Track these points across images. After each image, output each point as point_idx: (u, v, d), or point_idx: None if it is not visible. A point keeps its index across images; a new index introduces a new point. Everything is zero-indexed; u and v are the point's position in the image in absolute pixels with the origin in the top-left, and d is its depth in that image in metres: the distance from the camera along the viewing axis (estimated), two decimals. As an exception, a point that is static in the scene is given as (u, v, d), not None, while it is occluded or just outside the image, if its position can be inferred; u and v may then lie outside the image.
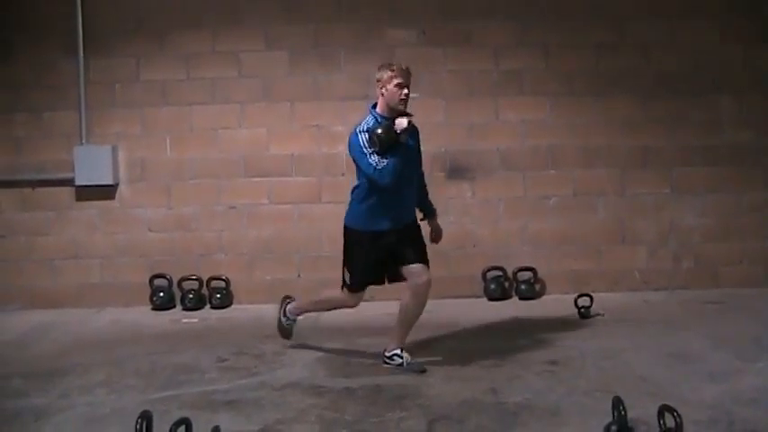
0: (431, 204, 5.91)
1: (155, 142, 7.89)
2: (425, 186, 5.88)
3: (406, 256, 5.46)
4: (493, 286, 7.78)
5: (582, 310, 6.92)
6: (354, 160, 5.41)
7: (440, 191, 7.73)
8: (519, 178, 7.89)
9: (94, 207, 7.92)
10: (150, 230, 7.93)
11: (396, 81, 5.33)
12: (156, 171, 7.91)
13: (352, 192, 5.58)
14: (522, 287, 7.79)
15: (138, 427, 3.86)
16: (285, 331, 6.18)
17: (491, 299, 7.75)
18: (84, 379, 5.47)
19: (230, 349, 6.13)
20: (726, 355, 5.62)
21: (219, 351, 6.08)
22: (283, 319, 6.14)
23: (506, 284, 7.84)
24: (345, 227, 5.60)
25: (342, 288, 5.67)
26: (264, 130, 7.88)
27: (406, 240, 5.50)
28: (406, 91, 5.36)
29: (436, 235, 5.88)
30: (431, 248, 7.43)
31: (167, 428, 3.89)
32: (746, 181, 7.90)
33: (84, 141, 7.80)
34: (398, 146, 5.24)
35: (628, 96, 7.86)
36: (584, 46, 7.85)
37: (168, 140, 7.89)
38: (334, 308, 5.99)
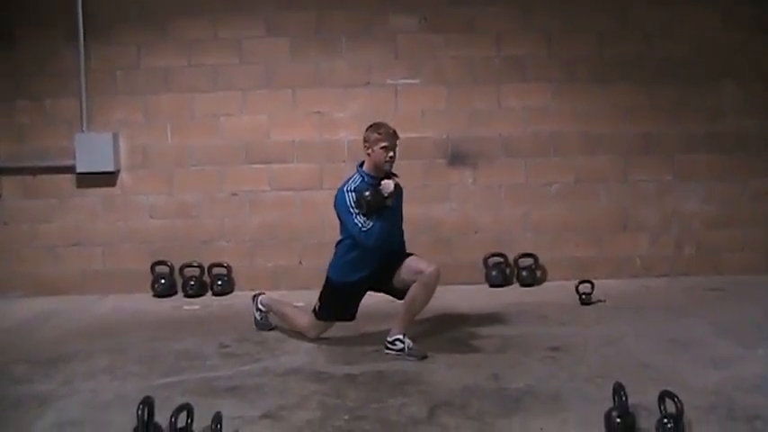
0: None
1: (156, 129, 7.88)
2: (404, 243, 5.88)
3: (398, 263, 5.56)
4: (494, 273, 7.78)
5: (583, 296, 6.92)
6: (340, 217, 5.55)
7: (442, 177, 7.78)
8: (521, 165, 7.88)
9: (96, 194, 7.92)
10: (152, 217, 7.93)
11: (381, 144, 5.47)
12: (158, 158, 7.90)
13: (336, 245, 5.75)
14: (524, 274, 7.79)
15: (139, 412, 3.87)
16: (263, 325, 6.34)
17: (492, 285, 7.75)
18: (86, 365, 5.48)
19: (232, 336, 6.14)
20: (727, 341, 5.63)
21: (221, 338, 6.09)
22: (257, 314, 6.36)
23: (508, 271, 7.84)
24: (328, 278, 5.80)
25: (312, 312, 5.86)
26: (266, 116, 7.87)
27: (388, 264, 5.61)
28: (391, 154, 5.51)
29: None
30: (432, 234, 7.49)
31: (169, 414, 3.91)
32: (749, 168, 7.89)
33: (85, 129, 7.79)
34: (384, 208, 5.36)
35: (630, 83, 7.85)
36: (587, 32, 7.83)
37: (169, 127, 7.89)
38: (291, 327, 6.14)
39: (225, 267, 7.83)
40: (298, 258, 7.91)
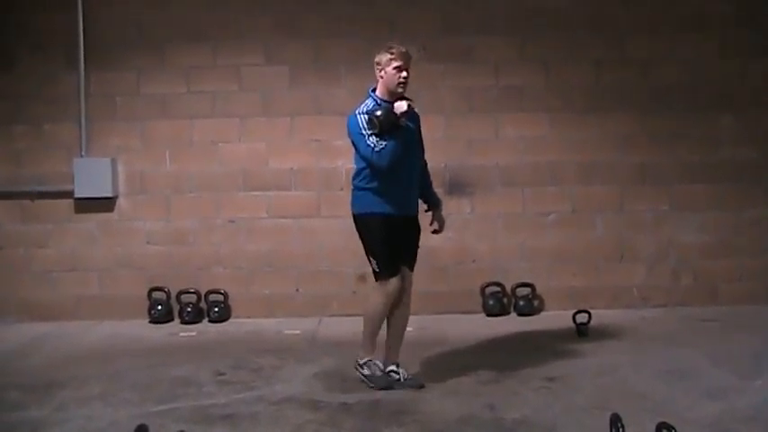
0: (435, 195, 5.85)
1: (154, 155, 7.90)
2: (429, 176, 5.81)
3: (403, 258, 5.45)
4: (491, 302, 7.77)
5: (580, 326, 6.90)
6: (353, 143, 5.37)
7: (439, 206, 7.76)
8: (518, 194, 7.89)
9: (93, 219, 7.92)
10: (149, 243, 7.93)
11: (395, 64, 5.31)
12: (156, 184, 7.91)
13: (353, 179, 5.50)
14: (521, 303, 7.78)
15: (134, 440, 3.85)
16: (384, 382, 5.48)
17: (489, 314, 7.74)
18: (80, 392, 5.46)
19: (228, 363, 6.12)
20: (724, 372, 5.61)
21: (217, 365, 6.07)
22: (368, 374, 5.52)
23: (505, 300, 7.83)
24: (355, 216, 5.48)
25: (376, 280, 5.44)
26: (264, 144, 7.89)
27: (407, 239, 5.49)
28: (404, 74, 5.34)
29: (439, 226, 5.79)
30: (429, 263, 7.48)
31: (163, 442, 3.89)
32: (745, 198, 7.90)
33: (83, 154, 7.81)
34: (398, 129, 5.22)
35: (627, 113, 7.88)
36: (584, 62, 7.87)
37: (168, 153, 7.90)
38: (381, 316, 5.50)
39: (221, 294, 7.81)
40: (294, 286, 7.89)
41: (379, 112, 5.19)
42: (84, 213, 7.90)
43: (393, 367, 5.47)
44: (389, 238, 5.35)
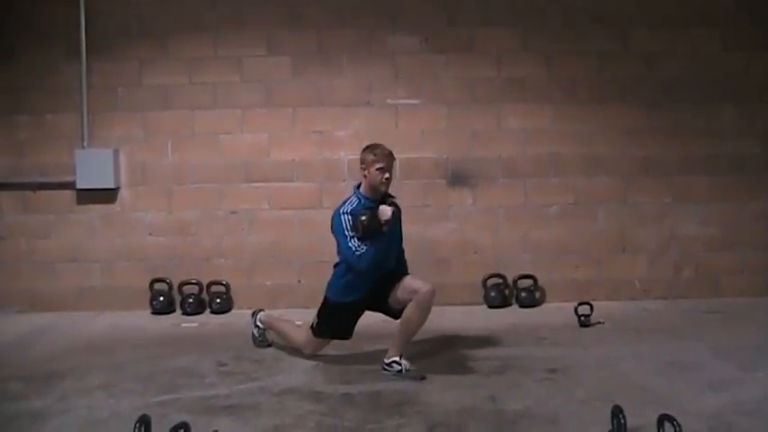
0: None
1: (156, 146, 7.90)
2: (405, 262, 5.91)
3: (394, 282, 5.53)
4: (493, 294, 7.77)
5: (582, 318, 6.90)
6: (336, 239, 5.52)
7: (441, 198, 7.78)
8: (520, 186, 7.89)
9: (95, 210, 7.92)
10: (151, 234, 7.93)
11: (377, 165, 5.45)
12: (158, 175, 7.91)
13: (334, 267, 5.75)
14: (523, 295, 7.78)
15: (136, 430, 3.85)
16: (261, 342, 6.35)
17: (491, 306, 7.74)
18: (82, 382, 5.46)
19: (230, 354, 6.12)
20: (726, 364, 5.61)
21: (219, 356, 6.07)
22: (255, 331, 6.36)
23: (507, 292, 7.83)
24: (325, 297, 5.80)
25: (309, 328, 5.86)
26: (266, 135, 7.88)
27: (384, 284, 5.58)
28: (387, 175, 5.48)
29: None
30: (431, 255, 7.47)
31: (165, 433, 3.89)
32: (748, 190, 7.89)
33: (85, 145, 7.80)
34: (380, 234, 5.34)
35: (630, 105, 7.87)
36: (587, 54, 7.85)
37: (170, 145, 7.90)
38: (288, 343, 6.15)
39: (223, 285, 7.82)
40: (296, 277, 7.90)
41: (363, 218, 5.33)
42: (86, 204, 7.90)
43: (396, 358, 5.48)
44: (344, 322, 5.74)
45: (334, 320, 5.75)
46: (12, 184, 7.87)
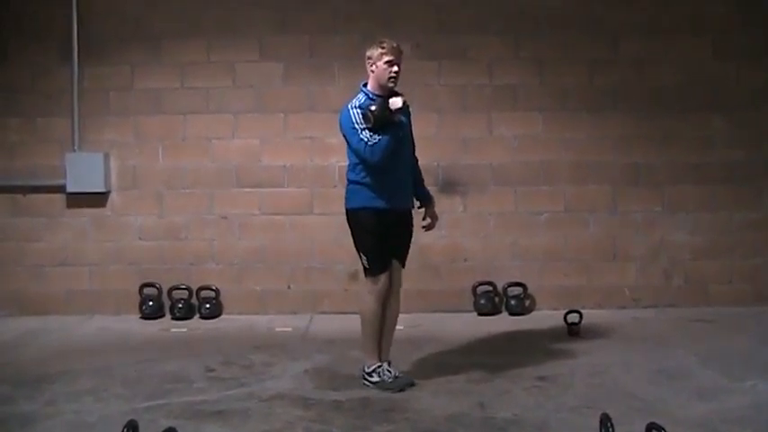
0: (427, 191, 5.85)
1: (147, 150, 7.89)
2: (420, 172, 5.80)
3: (395, 252, 5.44)
4: (483, 301, 7.77)
5: (571, 326, 6.91)
6: (345, 137, 5.34)
7: (432, 204, 7.75)
8: (510, 193, 7.90)
9: (85, 214, 7.90)
10: (141, 239, 7.92)
11: (386, 58, 5.28)
12: (148, 179, 7.90)
13: (348, 173, 5.47)
14: (512, 302, 7.79)
15: (124, 435, 3.84)
16: (402, 384, 5.41)
17: (481, 313, 7.74)
18: (71, 386, 5.45)
19: (218, 359, 6.11)
20: (714, 373, 5.63)
21: (208, 361, 6.06)
22: (377, 380, 5.43)
23: (496, 299, 7.83)
24: (348, 211, 5.44)
25: (366, 276, 5.43)
26: (257, 140, 7.88)
27: (400, 233, 5.47)
28: (395, 69, 5.31)
29: (431, 222, 5.77)
30: (421, 261, 7.47)
31: (153, 438, 3.88)
32: (737, 199, 7.93)
33: (76, 148, 7.79)
34: (391, 124, 5.20)
35: (621, 113, 7.90)
36: (579, 62, 7.88)
37: (161, 149, 7.89)
38: (381, 310, 5.43)
39: (213, 290, 7.80)
40: (286, 283, 7.89)
41: (373, 107, 5.18)
42: (77, 208, 7.89)
43: (384, 365, 5.47)
44: (381, 233, 5.34)
45: (376, 233, 5.31)
46: (2, 187, 7.86)
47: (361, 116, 5.21)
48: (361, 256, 5.42)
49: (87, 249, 7.91)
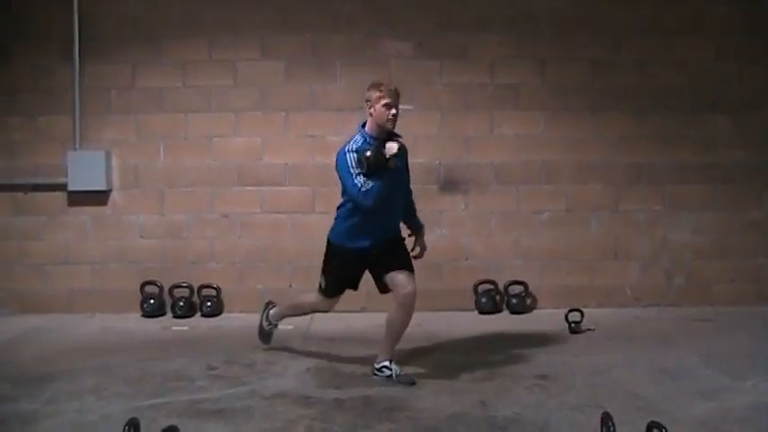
0: (419, 221, 5.94)
1: (149, 149, 7.89)
2: (413, 203, 5.90)
3: (389, 266, 5.48)
4: (484, 300, 7.77)
5: (572, 325, 6.92)
6: (340, 179, 5.42)
7: (433, 203, 7.77)
8: (512, 192, 7.90)
9: (87, 213, 7.90)
10: (142, 237, 7.91)
11: (384, 101, 5.34)
12: (150, 178, 7.90)
13: (338, 208, 5.62)
14: (513, 301, 7.79)
15: (125, 434, 3.84)
16: (265, 336, 6.35)
17: (482, 312, 7.74)
18: (72, 385, 5.44)
19: (220, 358, 6.11)
20: (716, 372, 5.63)
21: (209, 359, 6.06)
22: (265, 324, 6.31)
23: (497, 298, 7.83)
24: (328, 240, 5.68)
25: (318, 291, 5.79)
26: (259, 139, 7.88)
27: (389, 251, 5.53)
28: (394, 111, 5.37)
29: (420, 251, 5.86)
30: (420, 261, 7.44)
31: (155, 436, 3.88)
32: (739, 199, 7.92)
33: (78, 147, 7.79)
34: (386, 170, 5.25)
35: (622, 113, 7.89)
36: (581, 61, 7.88)
37: (162, 147, 7.89)
38: (309, 312, 6.18)
39: (214, 289, 7.80)
40: (288, 281, 7.89)
41: (369, 153, 5.23)
42: (78, 207, 7.89)
43: (386, 363, 5.48)
44: (348, 270, 5.64)
45: (340, 268, 5.65)
46: (3, 185, 7.86)
47: (356, 161, 5.27)
48: (321, 277, 5.73)
49: (88, 248, 7.91)
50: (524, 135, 7.89)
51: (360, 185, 5.23)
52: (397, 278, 5.43)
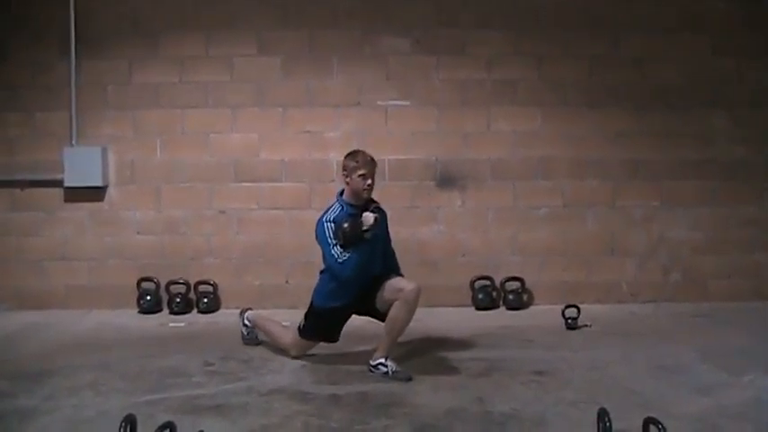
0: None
1: (146, 145, 7.88)
2: (398, 266, 5.93)
3: (377, 289, 5.57)
4: (481, 296, 7.78)
5: (569, 321, 6.92)
6: (320, 247, 5.53)
7: (430, 199, 7.78)
8: (509, 188, 7.90)
9: (84, 209, 7.89)
10: (139, 233, 7.91)
11: (359, 172, 5.49)
12: (147, 174, 7.89)
13: (320, 273, 5.78)
14: (510, 297, 7.79)
15: (122, 430, 3.84)
16: (249, 340, 6.40)
17: (479, 308, 7.75)
18: (70, 381, 5.44)
19: (217, 354, 6.11)
20: (713, 368, 5.63)
21: (206, 355, 6.06)
22: (244, 331, 6.41)
23: (494, 294, 7.84)
24: (311, 301, 5.84)
25: (297, 330, 5.90)
26: (256, 135, 7.87)
27: (371, 289, 5.62)
28: (369, 181, 5.51)
29: None
30: (420, 256, 7.46)
31: (152, 432, 3.88)
32: (736, 195, 7.93)
33: (74, 143, 7.78)
34: (363, 241, 5.35)
35: (620, 108, 7.89)
36: (578, 57, 7.87)
37: (159, 143, 7.88)
38: (275, 344, 6.18)
39: (211, 285, 7.80)
40: (285, 277, 7.89)
41: (345, 225, 5.36)
42: (75, 202, 7.88)
43: (382, 360, 5.49)
44: (330, 325, 5.77)
45: (321, 325, 5.78)
46: (1, 181, 7.84)
47: (333, 231, 5.40)
48: (302, 320, 5.85)
49: (85, 244, 7.90)
50: (522, 131, 7.89)
51: (337, 257, 5.36)
52: (397, 283, 5.52)
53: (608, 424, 3.92)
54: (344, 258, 5.34)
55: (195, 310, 7.76)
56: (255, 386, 5.33)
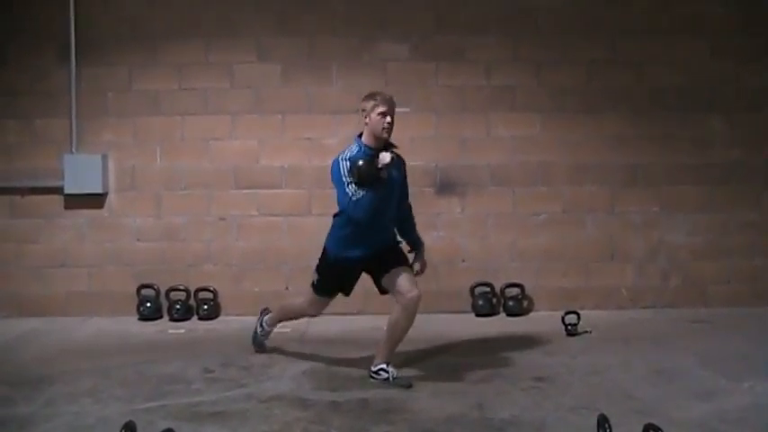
0: (419, 237, 5.93)
1: (145, 151, 7.89)
2: (413, 218, 5.91)
3: (387, 266, 5.52)
4: (481, 302, 7.77)
5: (569, 327, 6.92)
6: (334, 186, 5.42)
7: (429, 205, 7.77)
8: (509, 194, 7.90)
9: (83, 215, 7.90)
10: (138, 240, 7.91)
11: (379, 110, 5.36)
12: (146, 180, 7.90)
13: (334, 216, 5.65)
14: (510, 303, 7.79)
15: (121, 437, 3.84)
16: (259, 343, 6.34)
17: (479, 314, 7.74)
18: (70, 387, 5.44)
19: (217, 360, 6.11)
20: (713, 373, 5.63)
21: (206, 362, 6.06)
22: (259, 330, 6.32)
23: (494, 300, 7.83)
24: (324, 249, 5.74)
25: (311, 287, 5.83)
26: (256, 141, 7.88)
27: (384, 255, 5.57)
28: (389, 120, 5.38)
29: (421, 268, 5.85)
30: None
31: (152, 439, 3.88)
32: (736, 200, 7.93)
33: (74, 149, 7.79)
34: (378, 180, 5.24)
35: (619, 114, 7.90)
36: (577, 63, 7.88)
37: (159, 150, 7.89)
38: (299, 315, 6.17)
39: (211, 291, 7.80)
40: (284, 284, 7.89)
41: (360, 162, 5.22)
42: (75, 209, 7.88)
43: (383, 365, 5.48)
44: (341, 278, 5.70)
45: (335, 276, 5.69)
46: (0, 188, 7.84)
47: (349, 169, 5.26)
48: (315, 275, 5.77)
49: (85, 251, 7.91)
50: (520, 137, 7.89)
51: (351, 195, 5.22)
52: (401, 283, 5.45)
53: (608, 430, 3.93)
54: (358, 197, 5.19)
55: (195, 317, 7.75)
56: (255, 393, 5.33)
